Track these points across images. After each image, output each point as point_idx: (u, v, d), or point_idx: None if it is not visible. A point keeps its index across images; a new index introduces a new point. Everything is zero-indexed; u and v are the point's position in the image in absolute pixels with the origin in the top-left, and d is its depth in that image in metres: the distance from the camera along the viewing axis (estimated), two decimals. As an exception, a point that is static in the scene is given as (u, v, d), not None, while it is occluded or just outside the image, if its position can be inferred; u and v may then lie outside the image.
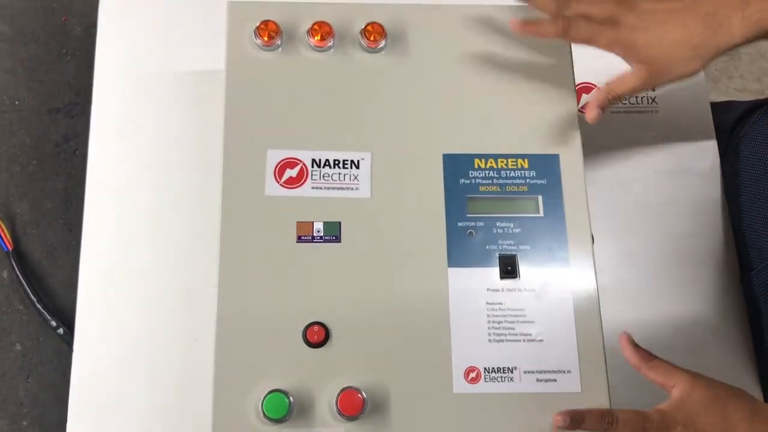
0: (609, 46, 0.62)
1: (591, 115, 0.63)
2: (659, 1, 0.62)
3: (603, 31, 0.62)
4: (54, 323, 0.95)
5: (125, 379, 0.70)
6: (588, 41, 0.63)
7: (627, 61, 0.63)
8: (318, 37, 0.66)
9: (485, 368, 0.60)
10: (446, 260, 0.62)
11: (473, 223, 0.64)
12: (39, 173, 1.08)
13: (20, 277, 0.98)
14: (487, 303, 0.62)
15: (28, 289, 0.97)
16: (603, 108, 0.63)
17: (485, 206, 0.64)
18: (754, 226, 0.74)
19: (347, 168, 0.64)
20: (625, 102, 0.81)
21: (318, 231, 0.62)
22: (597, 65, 0.82)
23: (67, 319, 0.95)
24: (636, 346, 0.61)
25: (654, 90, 0.78)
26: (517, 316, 0.61)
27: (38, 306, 0.96)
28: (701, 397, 0.55)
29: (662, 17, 0.61)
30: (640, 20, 0.61)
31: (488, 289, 0.62)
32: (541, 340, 0.61)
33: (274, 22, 0.66)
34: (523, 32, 0.63)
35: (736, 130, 0.80)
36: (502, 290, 0.62)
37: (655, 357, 0.59)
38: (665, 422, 0.54)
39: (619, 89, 0.63)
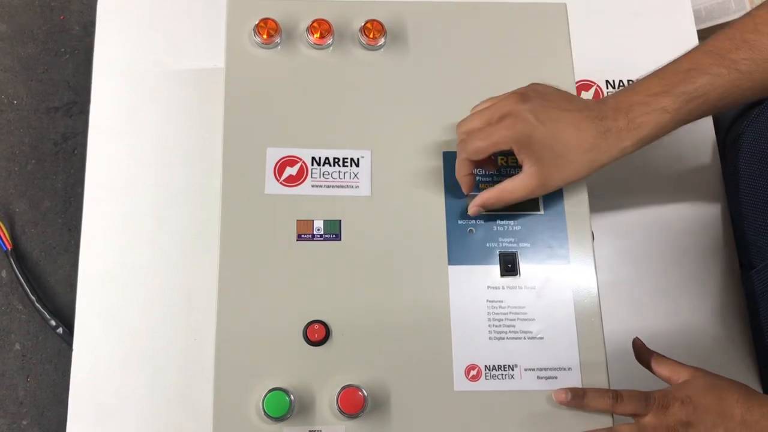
0: (506, 141, 0.59)
1: (472, 211, 0.62)
2: (551, 101, 0.60)
3: (498, 129, 0.59)
4: (53, 323, 0.94)
5: (125, 379, 0.70)
6: (488, 148, 0.59)
7: (519, 158, 0.60)
8: (317, 35, 0.66)
9: (486, 366, 0.60)
10: (446, 258, 0.62)
11: (473, 221, 0.63)
12: (38, 172, 1.08)
13: (19, 276, 0.98)
14: (487, 300, 0.62)
15: (27, 288, 0.97)
16: (486, 209, 0.62)
17: (485, 204, 0.64)
18: (754, 223, 0.74)
19: (347, 166, 0.64)
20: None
21: (318, 229, 0.62)
22: (597, 63, 0.82)
23: (66, 318, 0.95)
24: (645, 347, 0.64)
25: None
26: (517, 313, 0.61)
27: (37, 305, 0.96)
28: (701, 383, 0.59)
29: (556, 115, 0.59)
30: (535, 115, 0.59)
31: (489, 287, 0.62)
32: (541, 338, 0.61)
33: (273, 20, 0.66)
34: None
35: (735, 126, 0.80)
36: (503, 288, 0.62)
37: (663, 356, 0.62)
38: (666, 399, 0.57)
39: (508, 197, 0.60)
